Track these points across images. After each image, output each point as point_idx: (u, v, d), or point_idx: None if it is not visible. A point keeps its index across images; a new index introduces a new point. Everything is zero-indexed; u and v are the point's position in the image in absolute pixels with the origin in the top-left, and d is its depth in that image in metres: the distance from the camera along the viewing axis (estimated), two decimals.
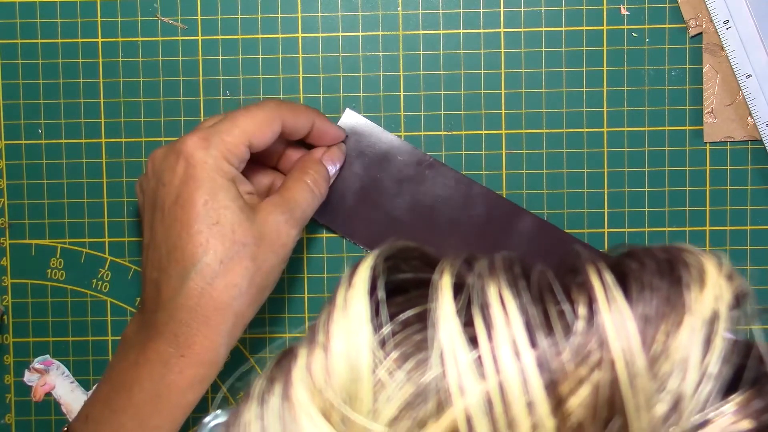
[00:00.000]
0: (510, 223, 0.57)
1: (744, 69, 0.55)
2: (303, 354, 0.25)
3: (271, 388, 0.25)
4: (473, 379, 0.23)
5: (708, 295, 0.24)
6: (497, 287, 0.24)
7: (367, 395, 0.24)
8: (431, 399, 0.23)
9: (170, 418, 0.48)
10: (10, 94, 0.58)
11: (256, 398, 0.25)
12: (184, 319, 0.47)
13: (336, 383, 0.24)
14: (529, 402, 0.23)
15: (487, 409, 0.22)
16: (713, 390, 0.23)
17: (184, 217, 0.47)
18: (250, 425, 0.25)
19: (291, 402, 0.24)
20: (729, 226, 0.58)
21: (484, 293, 0.24)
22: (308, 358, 0.25)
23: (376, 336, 0.24)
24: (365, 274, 0.26)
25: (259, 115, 0.50)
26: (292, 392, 0.24)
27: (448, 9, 0.57)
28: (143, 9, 0.57)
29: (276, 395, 0.25)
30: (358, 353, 0.24)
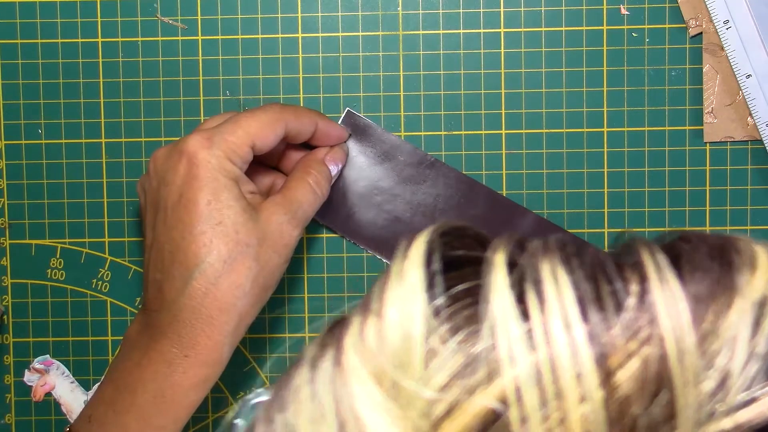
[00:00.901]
0: (511, 222, 0.57)
1: (744, 69, 0.55)
2: (356, 321, 0.25)
3: (322, 354, 0.25)
4: (523, 351, 0.23)
5: (759, 279, 0.25)
6: (550, 264, 0.25)
7: (419, 362, 0.24)
8: (481, 368, 0.24)
9: (174, 418, 0.48)
10: (10, 94, 0.58)
11: (307, 364, 0.26)
12: (188, 320, 0.47)
13: (388, 350, 0.24)
14: (578, 373, 0.23)
15: (536, 379, 0.23)
16: (760, 370, 0.24)
17: (187, 217, 0.47)
18: (301, 389, 0.25)
19: (342, 367, 0.25)
20: (729, 226, 0.58)
21: (537, 269, 0.25)
22: (361, 325, 0.25)
23: (430, 306, 0.25)
24: (421, 247, 0.26)
25: (262, 117, 0.50)
26: (343, 358, 0.25)
27: (448, 9, 0.57)
28: (143, 9, 0.57)
29: (327, 361, 0.25)
30: (411, 321, 0.25)
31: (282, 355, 0.59)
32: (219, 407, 0.59)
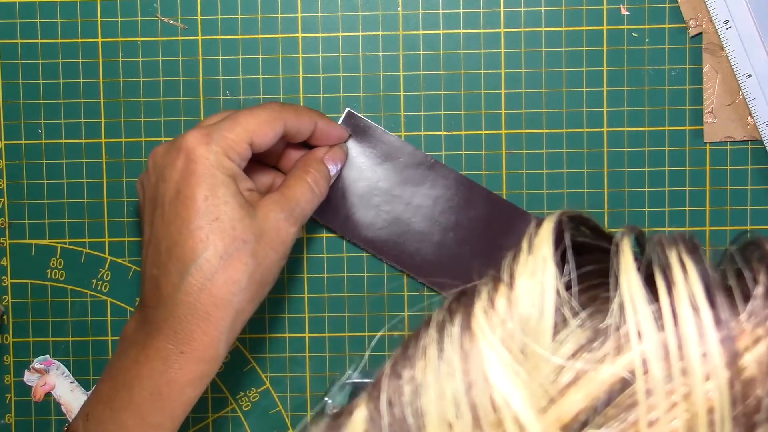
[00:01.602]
0: (510, 224, 0.57)
1: (744, 69, 0.55)
2: (485, 290, 0.27)
3: (451, 319, 0.27)
4: (651, 329, 0.25)
5: None
6: (677, 251, 0.26)
7: (549, 331, 0.26)
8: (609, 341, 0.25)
9: (171, 415, 0.48)
10: (10, 94, 0.58)
11: (434, 326, 0.27)
12: (184, 316, 0.47)
13: (518, 317, 0.26)
14: (705, 353, 0.24)
15: (663, 355, 0.24)
16: None
17: (184, 212, 0.47)
18: (429, 348, 0.26)
19: (472, 331, 0.26)
20: (729, 226, 0.58)
21: (665, 255, 0.26)
22: (490, 294, 0.27)
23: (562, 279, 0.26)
24: (551, 225, 0.28)
25: (261, 115, 0.50)
26: (473, 322, 0.26)
27: (448, 9, 0.57)
28: (143, 9, 0.58)
29: (456, 325, 0.26)
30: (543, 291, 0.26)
31: (282, 355, 0.59)
32: (219, 407, 0.59)
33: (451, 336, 0.26)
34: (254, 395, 0.59)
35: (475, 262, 0.57)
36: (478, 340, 0.26)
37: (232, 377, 0.59)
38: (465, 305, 0.27)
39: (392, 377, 0.27)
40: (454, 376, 0.25)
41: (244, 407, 0.59)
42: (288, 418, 0.59)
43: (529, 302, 0.26)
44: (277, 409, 0.59)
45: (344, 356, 0.59)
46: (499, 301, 0.26)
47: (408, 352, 0.27)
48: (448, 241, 0.57)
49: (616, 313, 0.25)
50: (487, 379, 0.25)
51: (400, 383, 0.26)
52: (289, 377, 0.59)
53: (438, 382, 0.26)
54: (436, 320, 0.27)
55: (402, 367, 0.27)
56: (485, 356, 0.25)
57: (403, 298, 0.58)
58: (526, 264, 0.27)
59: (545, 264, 0.27)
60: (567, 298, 0.26)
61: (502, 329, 0.26)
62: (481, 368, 0.25)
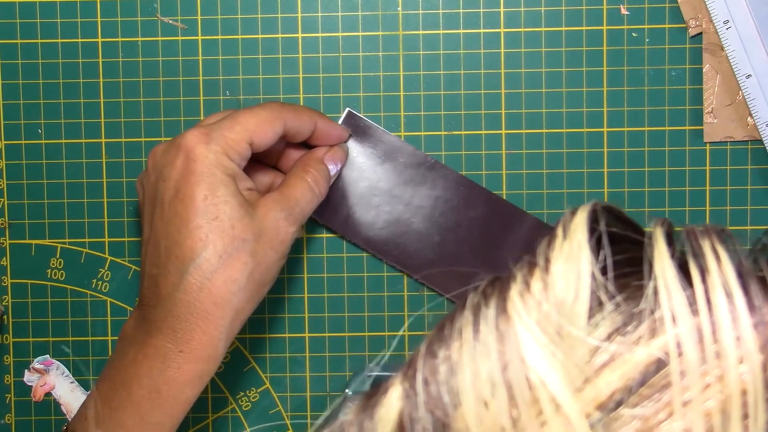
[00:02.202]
0: (510, 225, 0.57)
1: (744, 69, 0.55)
2: (520, 275, 0.27)
3: (486, 302, 0.27)
4: (686, 313, 0.25)
5: None
6: (710, 240, 0.27)
7: (584, 313, 0.26)
8: (643, 324, 0.26)
9: (170, 414, 0.48)
10: (10, 94, 0.58)
11: (469, 309, 0.27)
12: (183, 315, 0.47)
13: (553, 300, 0.26)
14: (738, 337, 0.25)
15: (697, 338, 0.25)
16: None
17: (183, 211, 0.47)
18: (464, 329, 0.27)
19: (507, 314, 0.27)
20: (729, 226, 0.58)
21: (698, 244, 0.27)
22: (526, 278, 0.27)
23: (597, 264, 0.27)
24: (585, 213, 0.28)
25: (261, 115, 0.50)
26: (509, 305, 0.27)
27: (448, 9, 0.57)
28: (143, 9, 0.58)
29: (492, 307, 0.27)
30: (580, 275, 0.27)
31: (282, 355, 0.59)
32: (219, 407, 0.59)
33: (487, 318, 0.27)
34: (254, 395, 0.59)
35: (474, 263, 0.57)
36: (514, 322, 0.26)
37: (232, 377, 0.59)
38: (500, 289, 0.28)
39: (427, 357, 0.27)
40: (489, 356, 0.26)
41: (244, 407, 0.59)
42: (288, 418, 0.59)
43: (565, 285, 0.27)
44: (277, 409, 0.59)
45: (344, 356, 0.59)
46: (535, 285, 0.27)
47: (443, 333, 0.27)
48: (448, 242, 0.57)
49: (650, 298, 0.26)
50: (523, 360, 0.26)
51: (436, 362, 0.27)
52: (289, 377, 0.59)
53: (473, 362, 0.26)
54: (471, 303, 0.28)
55: (437, 347, 0.27)
56: (521, 337, 0.26)
57: (403, 298, 0.58)
58: (561, 249, 0.27)
59: (581, 249, 0.27)
60: (603, 281, 0.27)
61: (537, 311, 0.26)
62: (517, 349, 0.26)
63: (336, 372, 0.59)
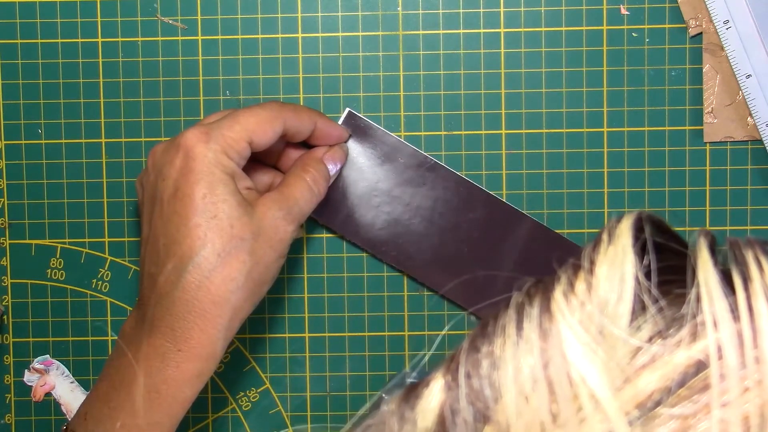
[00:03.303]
0: (509, 227, 0.57)
1: (744, 69, 0.55)
2: (564, 276, 0.28)
3: (530, 301, 0.28)
4: (727, 319, 0.26)
5: None
6: (753, 251, 0.27)
7: (626, 314, 0.27)
8: (685, 328, 0.26)
9: (169, 413, 0.48)
10: (10, 94, 0.58)
11: (513, 308, 0.28)
12: (181, 313, 0.47)
13: (596, 300, 0.27)
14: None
15: (737, 343, 0.25)
16: None
17: (182, 210, 0.47)
18: (508, 326, 0.28)
19: (551, 312, 0.27)
20: (729, 226, 0.58)
21: (741, 254, 0.27)
22: (570, 279, 0.28)
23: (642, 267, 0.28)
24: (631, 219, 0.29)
25: (261, 114, 0.50)
26: (552, 305, 0.27)
27: (448, 9, 0.57)
28: (143, 9, 0.58)
29: (535, 306, 0.28)
30: (623, 276, 0.27)
31: (282, 355, 0.59)
32: (219, 407, 0.59)
33: (530, 316, 0.27)
34: (254, 395, 0.59)
35: (473, 263, 0.57)
36: (557, 321, 0.27)
37: (232, 377, 0.59)
38: (544, 289, 0.28)
39: (470, 351, 0.28)
40: (531, 352, 0.27)
41: (244, 407, 0.59)
42: (288, 418, 0.59)
43: (609, 287, 0.27)
44: (277, 409, 0.59)
45: (344, 356, 0.59)
46: (579, 286, 0.27)
47: (487, 329, 0.28)
48: (448, 242, 0.57)
49: (692, 304, 0.27)
50: (564, 357, 0.26)
51: (479, 357, 0.27)
52: (289, 377, 0.59)
53: (516, 358, 0.27)
54: (515, 302, 0.28)
55: (481, 342, 0.28)
56: (564, 335, 0.26)
57: (403, 298, 0.58)
58: (606, 253, 0.28)
59: (625, 253, 0.28)
60: (646, 285, 0.27)
61: (580, 311, 0.27)
62: (560, 346, 0.26)
63: (336, 372, 0.59)
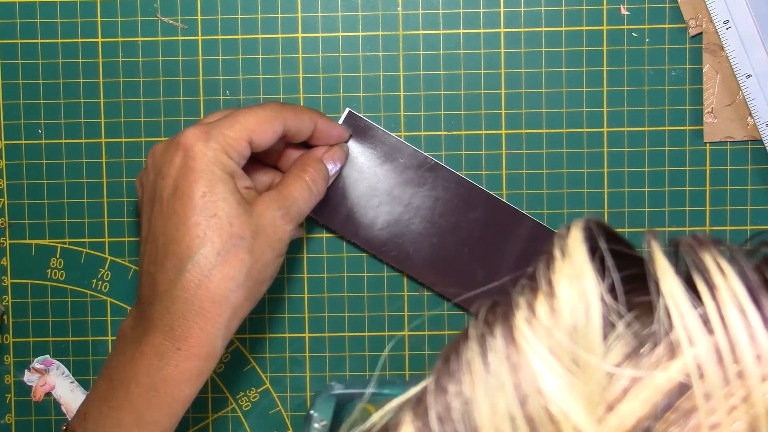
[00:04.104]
0: (509, 227, 0.57)
1: (744, 69, 0.55)
2: (523, 301, 0.26)
3: (490, 331, 0.26)
4: (701, 333, 0.25)
5: None
6: (711, 254, 0.26)
7: (598, 337, 0.25)
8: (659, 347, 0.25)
9: (168, 412, 0.48)
10: (10, 94, 0.58)
11: (474, 340, 0.26)
12: (180, 312, 0.47)
13: (563, 326, 0.25)
14: (758, 355, 0.24)
15: (716, 359, 0.24)
16: None
17: (181, 209, 0.47)
18: (473, 362, 0.26)
19: (517, 344, 0.26)
20: (729, 226, 0.58)
21: (699, 259, 0.26)
22: (530, 304, 0.26)
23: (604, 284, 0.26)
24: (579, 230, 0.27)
25: (261, 114, 0.50)
26: (517, 334, 0.26)
27: (448, 9, 0.57)
28: (143, 9, 0.58)
29: (498, 337, 0.26)
30: (587, 297, 0.26)
31: (282, 355, 0.59)
32: (219, 407, 0.59)
33: (495, 349, 0.26)
34: (254, 395, 0.59)
35: (473, 264, 0.57)
36: (525, 352, 0.25)
37: (232, 377, 0.59)
38: (503, 316, 0.26)
39: (438, 393, 0.26)
40: (504, 389, 0.25)
41: (244, 407, 0.59)
42: (288, 418, 0.59)
43: (573, 309, 0.26)
44: (277, 409, 0.59)
45: (344, 356, 0.59)
46: (540, 309, 0.26)
47: (450, 366, 0.27)
48: (447, 243, 0.57)
49: (662, 319, 0.25)
50: (541, 392, 0.25)
51: (448, 398, 0.26)
52: (289, 377, 0.59)
53: (489, 397, 0.25)
54: (474, 333, 0.27)
55: (447, 381, 0.26)
56: (536, 368, 0.25)
57: (403, 298, 0.58)
58: (562, 270, 0.26)
59: (583, 269, 0.26)
60: (612, 302, 0.26)
61: (548, 338, 0.25)
62: (534, 381, 0.25)
63: (336, 372, 0.59)
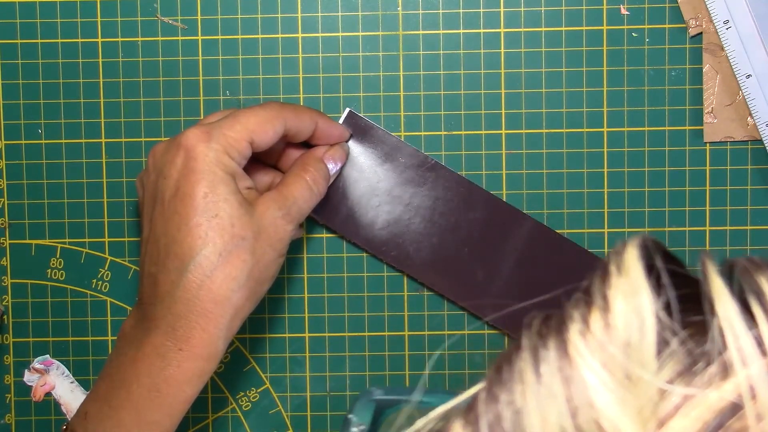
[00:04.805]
0: (509, 227, 0.57)
1: (744, 69, 0.55)
2: (577, 314, 0.27)
3: (543, 344, 0.26)
4: (755, 354, 0.25)
5: None
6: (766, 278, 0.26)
7: (652, 353, 0.26)
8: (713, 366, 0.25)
9: (169, 413, 0.48)
10: (10, 94, 0.58)
11: (527, 351, 0.27)
12: (182, 312, 0.47)
13: (617, 340, 0.26)
14: None
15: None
16: None
17: (183, 209, 0.47)
18: (525, 372, 0.26)
19: (570, 357, 0.26)
20: (729, 226, 0.58)
21: (754, 281, 0.26)
22: (584, 318, 0.26)
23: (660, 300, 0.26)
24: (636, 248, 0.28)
25: (261, 114, 0.50)
26: (570, 348, 0.26)
27: (448, 9, 0.57)
28: (143, 9, 0.58)
29: (551, 349, 0.26)
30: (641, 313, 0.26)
31: (282, 355, 0.59)
32: (219, 407, 0.59)
33: (548, 360, 0.26)
34: (254, 395, 0.59)
35: (473, 264, 0.57)
36: (578, 365, 0.26)
37: (232, 377, 0.59)
38: (556, 329, 0.27)
39: (489, 401, 0.26)
40: (555, 400, 0.25)
41: (244, 407, 0.59)
42: (288, 418, 0.59)
43: (627, 324, 0.26)
44: (277, 409, 0.59)
45: (344, 356, 0.59)
46: (595, 324, 0.26)
47: (502, 376, 0.27)
48: (448, 242, 0.57)
49: (717, 339, 0.25)
50: (592, 405, 0.25)
51: (499, 408, 0.26)
52: (289, 377, 0.59)
53: (540, 408, 0.25)
54: (527, 344, 0.27)
55: (498, 390, 0.26)
56: (589, 382, 0.25)
57: (403, 298, 0.58)
58: (617, 287, 0.27)
59: (639, 286, 0.26)
60: (667, 320, 0.26)
61: (601, 352, 0.26)
62: (585, 393, 0.25)
63: (336, 372, 0.59)
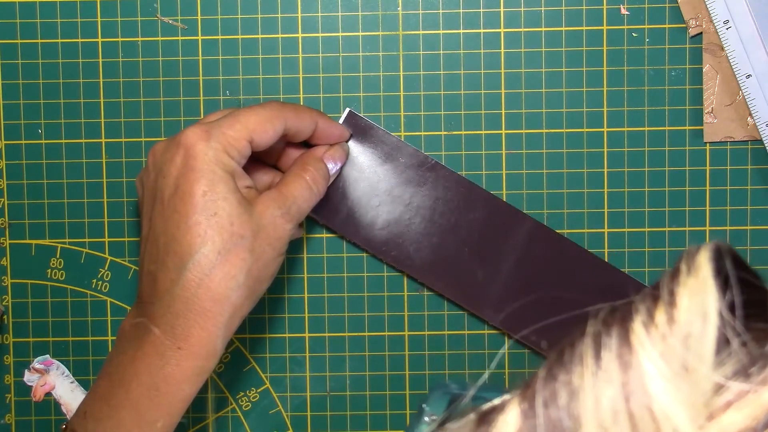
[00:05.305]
0: (509, 227, 0.57)
1: (744, 69, 0.55)
2: (643, 307, 0.27)
3: (607, 331, 0.27)
4: None
5: None
6: None
7: (710, 349, 0.26)
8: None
9: (168, 411, 0.48)
10: (10, 94, 0.58)
11: (590, 336, 0.27)
12: (181, 311, 0.47)
13: (679, 334, 0.26)
14: None
15: None
16: None
17: (182, 208, 0.47)
18: (586, 356, 0.27)
19: (631, 345, 0.26)
20: (729, 226, 0.58)
21: None
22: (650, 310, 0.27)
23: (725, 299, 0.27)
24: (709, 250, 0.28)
25: (261, 113, 0.50)
26: (632, 337, 0.27)
27: (448, 9, 0.57)
28: (143, 9, 0.58)
29: (614, 337, 0.27)
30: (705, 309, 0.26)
31: (282, 355, 0.59)
32: (219, 407, 0.59)
33: (609, 347, 0.27)
34: (254, 395, 0.59)
35: (473, 264, 0.57)
36: (637, 353, 0.26)
37: (232, 377, 0.59)
38: (621, 320, 0.27)
39: (548, 379, 0.27)
40: (611, 384, 0.26)
41: (244, 407, 0.59)
42: (288, 418, 0.59)
43: (691, 320, 0.26)
44: (277, 409, 0.59)
45: (344, 356, 0.59)
46: (660, 317, 0.27)
47: (564, 357, 0.27)
48: (448, 242, 0.57)
49: None
50: (646, 391, 0.26)
51: (556, 386, 0.27)
52: (289, 377, 0.59)
53: (595, 389, 0.26)
54: (591, 331, 0.28)
55: (558, 371, 0.27)
56: (646, 369, 0.26)
57: (403, 298, 0.58)
58: (686, 284, 0.27)
59: (707, 285, 0.27)
60: (730, 320, 0.26)
61: (662, 344, 0.26)
62: (641, 380, 0.26)
63: (336, 372, 0.59)
